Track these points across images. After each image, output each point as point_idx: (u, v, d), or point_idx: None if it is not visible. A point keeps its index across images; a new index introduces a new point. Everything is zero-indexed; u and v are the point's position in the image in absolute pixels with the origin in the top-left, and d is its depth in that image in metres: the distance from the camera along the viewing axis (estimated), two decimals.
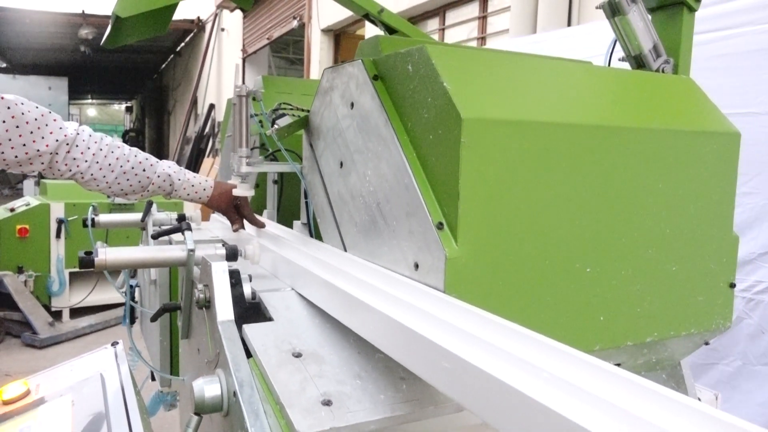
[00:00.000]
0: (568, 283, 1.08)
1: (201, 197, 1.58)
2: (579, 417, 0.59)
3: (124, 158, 1.47)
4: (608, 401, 0.61)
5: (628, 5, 1.47)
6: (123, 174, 1.46)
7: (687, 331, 1.27)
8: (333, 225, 1.34)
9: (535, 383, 0.67)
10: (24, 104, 1.36)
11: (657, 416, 0.59)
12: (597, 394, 0.63)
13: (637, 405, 0.61)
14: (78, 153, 1.42)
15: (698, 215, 1.24)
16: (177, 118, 16.58)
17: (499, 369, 0.70)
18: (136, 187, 1.49)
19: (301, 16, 9.30)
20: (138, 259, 1.26)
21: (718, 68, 2.57)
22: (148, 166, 1.50)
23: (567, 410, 0.60)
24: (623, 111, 1.19)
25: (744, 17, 2.56)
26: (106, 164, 1.44)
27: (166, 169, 1.53)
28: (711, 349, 2.57)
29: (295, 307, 1.16)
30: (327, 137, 1.35)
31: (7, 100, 1.34)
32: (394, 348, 0.91)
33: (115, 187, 1.47)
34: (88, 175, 1.44)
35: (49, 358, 4.74)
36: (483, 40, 5.90)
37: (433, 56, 1.03)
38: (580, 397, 0.64)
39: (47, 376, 1.17)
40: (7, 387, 1.12)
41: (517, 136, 1.01)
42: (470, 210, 0.98)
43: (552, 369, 0.69)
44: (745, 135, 2.45)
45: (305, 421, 0.84)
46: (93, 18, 12.59)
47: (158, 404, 2.05)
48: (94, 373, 1.14)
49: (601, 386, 0.66)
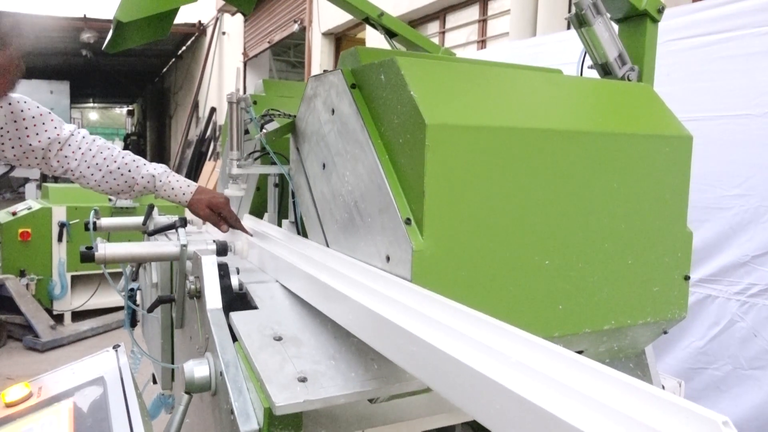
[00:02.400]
0: (528, 274, 1.18)
1: (181, 200, 1.67)
2: (529, 393, 0.66)
3: (112, 158, 1.59)
4: (558, 381, 0.68)
5: (594, 17, 1.57)
6: (110, 173, 1.57)
7: (644, 320, 1.37)
8: (317, 222, 1.44)
9: (491, 363, 0.75)
10: (26, 103, 1.49)
11: (600, 393, 0.65)
12: (545, 372, 0.70)
13: (583, 383, 0.67)
14: (69, 152, 1.54)
15: (652, 212, 1.33)
16: (178, 122, 16.70)
17: (459, 351, 0.79)
18: (123, 186, 1.60)
19: (302, 19, 9.40)
20: (135, 253, 1.37)
21: (716, 71, 2.60)
22: (134, 167, 1.61)
23: (518, 386, 0.68)
24: (580, 116, 1.29)
25: (743, 20, 2.58)
26: (94, 163, 1.56)
27: (152, 171, 1.63)
28: (701, 353, 2.61)
29: (278, 297, 1.27)
30: (311, 141, 1.46)
31: (10, 97, 1.47)
32: (365, 332, 1.01)
33: (104, 185, 1.58)
34: (78, 173, 1.56)
35: (50, 361, 4.77)
36: (483, 43, 5.94)
37: (402, 67, 1.13)
38: (530, 375, 0.70)
39: (49, 379, 1.19)
40: (9, 390, 1.13)
41: (478, 140, 1.11)
42: (435, 207, 1.08)
43: (507, 351, 0.77)
44: (740, 137, 2.51)
45: (282, 394, 0.95)
46: (94, 22, 12.73)
47: (160, 407, 2.11)
48: (96, 376, 1.15)
49: (549, 364, 0.72)
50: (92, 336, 5.43)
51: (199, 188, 1.69)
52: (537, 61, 3.25)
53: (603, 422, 0.61)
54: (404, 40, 2.39)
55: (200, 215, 1.69)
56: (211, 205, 1.67)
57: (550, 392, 0.67)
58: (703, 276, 2.63)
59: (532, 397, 0.66)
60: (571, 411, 0.63)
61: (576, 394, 0.65)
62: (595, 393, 0.64)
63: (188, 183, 1.69)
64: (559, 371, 0.71)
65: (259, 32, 11.44)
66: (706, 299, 2.64)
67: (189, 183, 1.69)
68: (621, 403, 0.62)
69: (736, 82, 2.55)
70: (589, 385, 0.67)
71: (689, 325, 2.66)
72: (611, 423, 0.60)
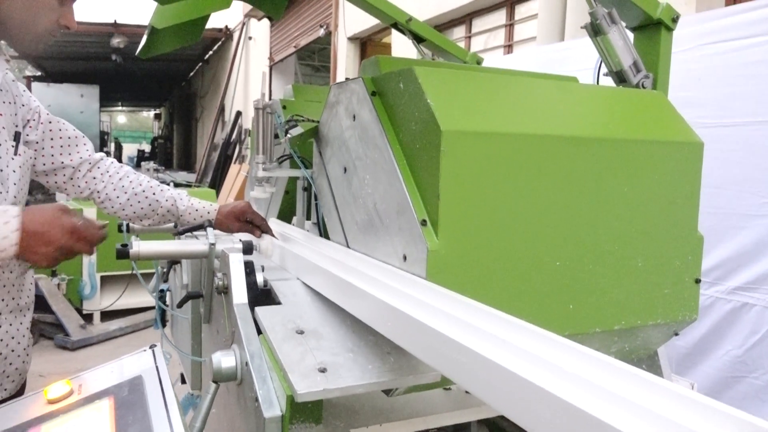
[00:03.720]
0: (539, 274, 1.23)
1: (207, 220, 1.67)
2: (535, 377, 0.70)
3: (137, 182, 1.64)
4: (568, 371, 0.71)
5: (608, 26, 1.62)
6: (134, 195, 1.62)
7: (654, 321, 1.41)
8: (338, 224, 1.51)
9: (501, 353, 0.80)
10: (64, 124, 1.58)
11: (605, 381, 0.68)
12: (555, 362, 0.73)
13: (593, 374, 0.70)
14: (98, 173, 1.62)
15: (662, 217, 1.37)
16: (204, 125, 16.95)
17: (470, 342, 0.84)
18: (147, 209, 1.64)
19: (328, 24, 9.50)
20: (166, 251, 1.44)
21: (752, 75, 2.57)
22: (158, 190, 1.66)
23: (528, 373, 0.72)
24: (592, 123, 1.34)
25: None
26: (120, 186, 1.62)
27: (174, 195, 1.67)
28: (739, 361, 2.59)
29: (300, 293, 1.33)
30: (333, 145, 1.52)
31: (51, 116, 1.56)
32: (382, 325, 1.07)
33: (128, 209, 1.62)
34: (103, 195, 1.62)
35: (80, 359, 4.92)
36: (510, 47, 5.94)
37: (419, 76, 1.19)
38: (536, 363, 0.74)
39: (89, 377, 1.21)
40: (52, 387, 1.16)
41: (491, 146, 1.17)
42: (449, 209, 1.14)
43: (517, 342, 0.82)
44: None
45: (303, 383, 1.01)
46: (124, 27, 13.00)
47: (188, 406, 2.17)
48: (134, 375, 1.17)
49: (559, 356, 0.76)
50: (120, 335, 5.58)
51: (220, 206, 1.71)
52: (564, 65, 3.25)
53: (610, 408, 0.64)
54: (432, 45, 2.44)
55: (232, 230, 1.70)
56: (237, 215, 1.68)
57: (552, 376, 0.72)
58: (741, 284, 2.61)
59: (533, 378, 0.71)
60: (572, 392, 0.67)
61: (576, 379, 0.70)
62: (588, 375, 0.69)
63: (209, 203, 1.71)
64: (573, 364, 0.74)
65: (285, 37, 11.58)
66: (744, 307, 2.61)
67: (210, 204, 1.71)
68: (637, 396, 0.64)
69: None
70: (589, 371, 0.72)
71: (726, 333, 2.64)
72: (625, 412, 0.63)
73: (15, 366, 1.44)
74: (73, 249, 1.23)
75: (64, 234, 1.21)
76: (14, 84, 1.48)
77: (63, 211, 1.23)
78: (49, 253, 1.20)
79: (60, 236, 1.20)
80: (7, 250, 1.15)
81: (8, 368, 1.42)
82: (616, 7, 1.64)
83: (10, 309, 1.40)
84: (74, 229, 1.23)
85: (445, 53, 2.47)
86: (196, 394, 2.20)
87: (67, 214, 1.23)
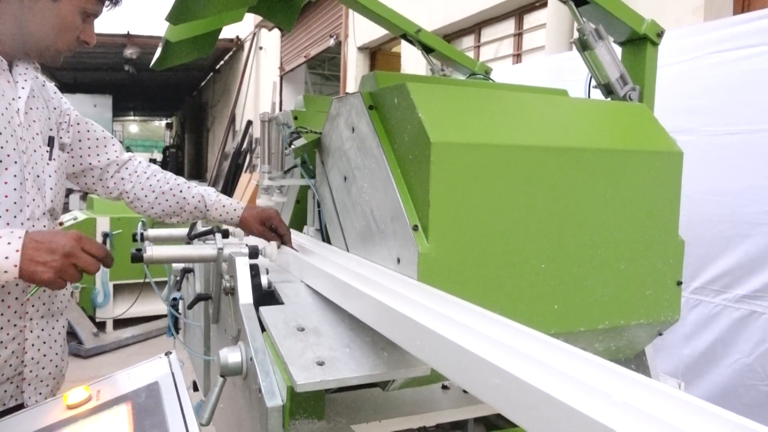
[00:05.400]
0: (524, 276, 1.32)
1: (232, 217, 1.73)
2: (512, 367, 0.77)
3: (164, 180, 1.70)
4: (547, 364, 0.77)
5: (596, 41, 1.70)
6: (162, 194, 1.68)
7: (637, 321, 1.48)
8: (339, 229, 1.60)
9: (484, 347, 0.87)
10: (93, 125, 1.65)
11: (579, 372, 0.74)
12: (533, 355, 0.80)
13: (569, 366, 0.76)
14: (126, 174, 1.68)
15: (644, 222, 1.45)
16: (216, 134, 17.14)
17: (456, 336, 0.92)
18: (175, 207, 1.69)
19: (338, 34, 9.62)
20: (178, 255, 1.54)
21: (758, 83, 2.59)
22: (185, 188, 1.71)
23: (505, 363, 0.78)
24: (576, 134, 1.43)
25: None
26: (147, 185, 1.68)
27: (202, 192, 1.72)
28: (749, 369, 2.59)
29: (302, 294, 1.43)
30: (334, 156, 1.62)
31: (79, 117, 1.62)
32: (377, 322, 1.16)
33: (156, 207, 1.68)
34: (132, 195, 1.68)
35: (93, 367, 4.99)
36: (518, 57, 6.00)
37: (411, 91, 1.28)
38: (515, 356, 0.81)
39: (106, 383, 1.23)
40: (71, 392, 1.19)
41: (479, 156, 1.26)
42: (439, 215, 1.22)
43: (499, 337, 0.88)
44: None
45: (302, 375, 1.10)
46: (137, 38, 13.24)
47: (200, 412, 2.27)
48: (150, 381, 1.20)
49: (536, 349, 0.82)
50: (133, 343, 5.65)
51: (247, 205, 1.75)
52: (572, 74, 3.28)
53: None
54: (441, 56, 2.50)
55: (253, 232, 1.72)
56: (262, 219, 1.70)
57: (527, 368, 0.80)
58: (748, 292, 2.62)
59: (509, 367, 0.78)
60: (544, 381, 0.75)
61: (552, 371, 0.78)
62: (564, 368, 0.77)
63: (237, 201, 1.74)
64: (554, 359, 0.80)
65: (295, 47, 11.73)
66: (751, 315, 2.61)
67: (238, 201, 1.75)
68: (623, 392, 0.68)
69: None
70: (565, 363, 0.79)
71: (734, 341, 2.65)
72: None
73: (48, 370, 1.47)
74: (78, 260, 1.21)
75: (69, 241, 1.21)
76: (45, 88, 1.53)
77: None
78: (53, 263, 1.17)
79: (64, 242, 1.20)
80: (10, 257, 1.15)
81: (41, 372, 1.45)
82: (603, 23, 1.72)
83: (41, 314, 1.44)
84: (79, 236, 1.23)
85: (453, 63, 2.54)
86: None
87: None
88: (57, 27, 1.37)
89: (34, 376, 1.43)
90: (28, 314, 1.40)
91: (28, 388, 1.42)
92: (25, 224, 1.37)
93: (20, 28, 1.36)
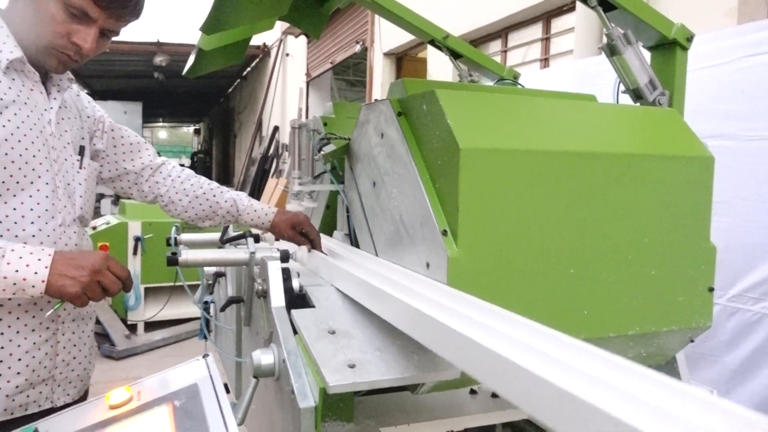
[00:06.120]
0: (553, 281, 1.32)
1: (263, 222, 1.75)
2: (542, 371, 0.77)
3: (198, 185, 1.74)
4: (577, 367, 0.77)
5: (624, 47, 1.70)
6: (196, 198, 1.72)
7: (668, 328, 1.47)
8: (368, 234, 1.62)
9: (512, 350, 0.88)
10: (126, 130, 1.70)
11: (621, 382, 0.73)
12: (562, 359, 0.80)
13: (598, 370, 0.75)
14: (161, 178, 1.73)
15: (675, 228, 1.45)
16: (242, 140, 17.34)
17: (486, 340, 0.93)
18: (208, 211, 1.72)
19: (364, 40, 9.69)
20: (211, 258, 1.58)
21: None
22: (218, 192, 1.74)
23: (535, 367, 0.78)
24: (605, 139, 1.43)
25: None
26: (181, 189, 1.72)
27: (234, 197, 1.75)
28: None
29: (332, 298, 1.45)
30: (363, 161, 1.64)
31: (112, 124, 1.67)
32: (407, 326, 1.17)
33: (190, 210, 1.72)
34: (166, 198, 1.72)
35: (125, 368, 5.04)
36: (546, 61, 5.98)
37: (440, 98, 1.30)
38: (544, 360, 0.81)
39: (146, 384, 1.25)
40: (113, 393, 1.21)
41: (507, 162, 1.27)
42: (468, 220, 1.24)
43: (528, 340, 0.89)
44: None
45: (334, 376, 1.12)
46: (167, 46, 13.49)
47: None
48: (189, 383, 1.21)
49: (564, 352, 0.83)
50: (163, 346, 5.71)
51: (278, 210, 1.78)
52: (601, 78, 3.30)
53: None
54: (468, 61, 2.52)
55: (284, 236, 1.74)
56: (293, 224, 1.73)
57: (556, 371, 0.80)
58: None
59: (539, 371, 0.79)
60: (567, 381, 0.76)
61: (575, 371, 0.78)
62: (593, 371, 0.77)
63: (269, 206, 1.78)
64: (583, 363, 0.79)
65: (321, 53, 11.82)
66: None
67: (269, 206, 1.78)
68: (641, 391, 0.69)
69: None
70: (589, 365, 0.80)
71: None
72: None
73: (77, 372, 1.50)
74: (104, 279, 1.26)
75: (98, 258, 1.27)
76: (79, 98, 1.58)
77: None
78: (81, 278, 1.23)
79: (93, 260, 1.26)
80: (39, 272, 1.21)
81: (70, 374, 1.48)
82: (632, 28, 1.72)
83: (72, 318, 1.47)
84: (108, 256, 1.29)
85: (481, 68, 2.54)
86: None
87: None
88: (39, 17, 1.32)
89: (64, 378, 1.46)
90: (60, 317, 1.43)
91: (57, 390, 1.45)
92: (56, 230, 1.39)
93: (22, 32, 1.35)
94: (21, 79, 1.36)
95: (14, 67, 1.35)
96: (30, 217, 1.34)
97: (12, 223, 1.32)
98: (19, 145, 1.32)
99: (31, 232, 1.34)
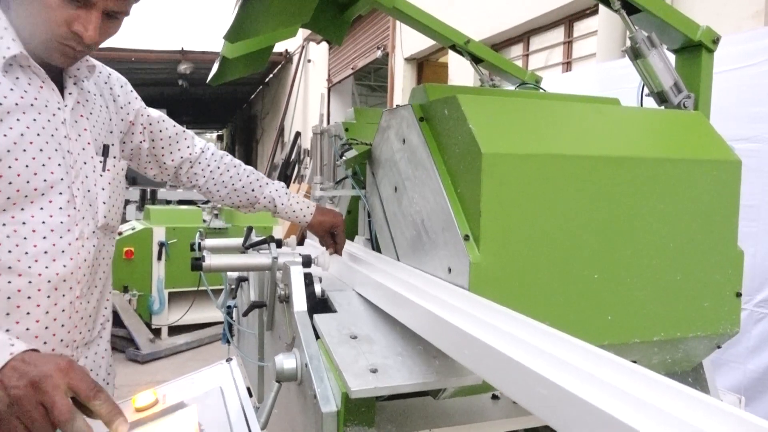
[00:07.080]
0: (577, 286, 1.31)
1: (301, 221, 1.75)
2: (561, 380, 0.78)
3: (237, 177, 1.72)
4: (596, 376, 0.77)
5: (648, 49, 1.68)
6: (234, 191, 1.72)
7: (694, 333, 1.45)
8: (389, 239, 1.62)
9: (532, 358, 0.87)
10: (164, 122, 1.64)
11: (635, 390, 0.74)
12: (582, 367, 0.80)
13: (622, 383, 0.75)
14: (199, 169, 1.71)
15: (701, 232, 1.42)
16: (265, 146, 17.47)
17: (507, 348, 0.93)
18: (245, 203, 1.74)
19: (385, 46, 9.72)
20: (235, 263, 1.59)
21: None
22: (257, 186, 1.73)
23: (559, 378, 0.79)
24: (629, 143, 1.41)
25: None
26: (220, 180, 1.71)
27: (273, 193, 1.74)
28: None
29: (354, 303, 1.45)
30: (385, 167, 1.64)
31: (151, 117, 1.61)
32: (428, 332, 1.18)
33: (227, 200, 1.74)
34: (204, 189, 1.73)
35: (149, 372, 5.13)
36: (568, 65, 5.94)
37: (462, 103, 1.30)
38: (566, 370, 0.81)
39: (172, 388, 1.26)
40: (139, 396, 1.22)
41: (529, 166, 1.26)
42: (490, 225, 1.23)
43: (549, 349, 0.89)
44: None
45: (356, 381, 1.12)
46: (191, 54, 13.65)
47: None
48: (214, 387, 1.23)
49: (585, 363, 0.82)
50: (186, 350, 5.79)
51: (318, 208, 1.77)
52: (624, 82, 3.25)
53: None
54: (490, 65, 2.50)
55: (317, 234, 1.78)
56: (327, 227, 1.75)
57: (578, 382, 0.80)
58: None
59: (558, 380, 0.79)
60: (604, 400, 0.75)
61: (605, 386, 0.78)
62: (614, 381, 0.77)
63: (307, 204, 1.77)
64: (595, 368, 0.80)
65: (342, 59, 11.88)
66: None
67: (308, 203, 1.77)
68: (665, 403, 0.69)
69: None
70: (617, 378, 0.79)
71: None
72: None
73: (101, 378, 1.46)
74: (47, 400, 0.89)
75: (52, 368, 0.92)
76: (108, 82, 1.47)
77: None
78: (13, 391, 0.89)
79: (45, 369, 0.91)
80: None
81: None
82: (656, 30, 1.70)
83: (85, 341, 1.38)
84: (72, 367, 0.94)
85: (503, 73, 2.53)
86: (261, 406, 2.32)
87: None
88: (34, 9, 1.18)
89: None
90: (75, 342, 1.33)
91: None
92: (73, 245, 1.28)
93: (21, 26, 1.22)
94: (27, 77, 1.23)
95: (18, 64, 1.22)
96: (42, 232, 1.23)
97: (21, 239, 1.20)
98: (25, 155, 1.20)
99: (44, 248, 1.23)
